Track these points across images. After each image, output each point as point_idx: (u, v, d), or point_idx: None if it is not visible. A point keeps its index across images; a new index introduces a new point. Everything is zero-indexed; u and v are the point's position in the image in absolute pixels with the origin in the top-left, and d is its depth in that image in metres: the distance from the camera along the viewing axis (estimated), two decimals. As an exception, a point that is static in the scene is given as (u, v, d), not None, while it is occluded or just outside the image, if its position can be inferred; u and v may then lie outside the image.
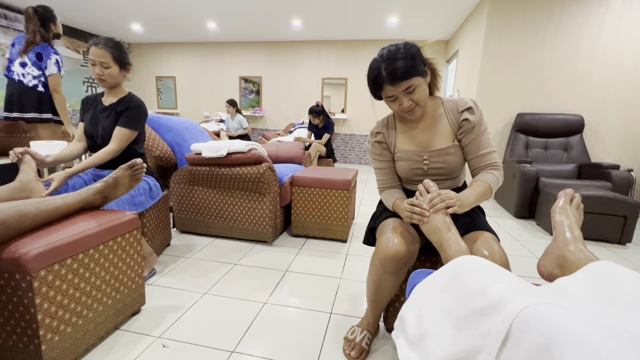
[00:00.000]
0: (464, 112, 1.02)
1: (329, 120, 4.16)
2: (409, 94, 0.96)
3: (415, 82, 0.94)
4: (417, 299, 0.64)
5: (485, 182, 0.98)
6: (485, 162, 1.03)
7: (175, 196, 2.12)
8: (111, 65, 1.46)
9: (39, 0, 4.33)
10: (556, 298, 0.55)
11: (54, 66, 2.28)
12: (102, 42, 1.44)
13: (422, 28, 4.94)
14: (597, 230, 2.30)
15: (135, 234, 1.22)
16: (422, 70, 0.96)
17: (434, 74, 1.03)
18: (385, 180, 1.16)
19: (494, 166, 1.03)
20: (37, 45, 2.26)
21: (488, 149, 1.03)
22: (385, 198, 1.14)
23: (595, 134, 3.28)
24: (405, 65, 0.91)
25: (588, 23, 3.14)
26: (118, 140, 1.47)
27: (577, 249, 0.74)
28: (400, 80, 0.92)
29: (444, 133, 1.05)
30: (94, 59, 1.43)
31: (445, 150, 1.04)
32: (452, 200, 0.88)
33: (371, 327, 1.14)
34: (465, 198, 0.92)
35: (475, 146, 1.03)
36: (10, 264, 0.83)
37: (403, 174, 1.13)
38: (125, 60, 1.51)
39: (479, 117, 1.01)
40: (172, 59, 6.66)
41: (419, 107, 0.99)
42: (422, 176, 1.09)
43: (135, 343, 1.11)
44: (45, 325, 0.89)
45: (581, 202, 0.88)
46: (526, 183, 2.73)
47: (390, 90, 0.96)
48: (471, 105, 1.02)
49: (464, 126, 1.02)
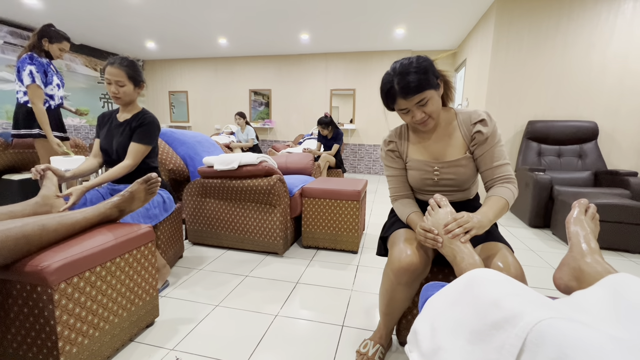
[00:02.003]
0: (477, 124, 1.02)
1: (337, 130, 4.20)
2: (422, 107, 0.97)
3: (428, 95, 0.95)
4: (430, 312, 0.64)
5: (502, 197, 0.96)
6: (499, 174, 1.01)
7: (188, 208, 2.16)
8: (126, 84, 1.51)
9: (61, 22, 4.56)
10: (572, 312, 0.54)
11: (28, 77, 2.19)
12: (117, 61, 1.49)
13: (429, 38, 4.98)
14: (616, 239, 2.23)
15: (150, 246, 1.24)
16: (435, 83, 0.96)
17: (447, 85, 1.04)
18: (397, 189, 1.16)
19: (508, 179, 1.00)
20: (19, 60, 2.23)
21: (501, 160, 1.01)
22: (398, 209, 1.13)
23: (611, 141, 3.21)
24: (418, 79, 0.92)
25: (598, 30, 3.12)
26: (133, 156, 1.52)
27: (594, 261, 0.72)
28: (413, 94, 0.93)
29: (457, 144, 1.05)
30: (110, 77, 1.48)
31: (456, 162, 1.04)
32: (469, 224, 0.85)
33: (384, 341, 1.12)
34: (484, 217, 0.89)
35: (488, 158, 1.02)
36: (33, 276, 0.86)
37: (414, 184, 1.13)
38: (139, 78, 1.56)
39: (492, 129, 1.01)
40: (185, 74, 6.86)
41: (431, 119, 1.00)
42: (433, 187, 1.09)
43: (150, 355, 1.12)
44: (64, 337, 0.91)
45: (597, 212, 0.87)
46: (540, 192, 2.68)
47: (403, 103, 0.97)
48: (484, 118, 1.01)
49: (477, 138, 1.02)
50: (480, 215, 0.89)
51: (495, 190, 1.00)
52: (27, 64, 2.20)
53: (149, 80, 7.09)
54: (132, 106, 1.61)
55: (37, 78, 2.22)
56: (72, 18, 4.40)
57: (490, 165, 1.02)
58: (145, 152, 1.56)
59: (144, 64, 7.02)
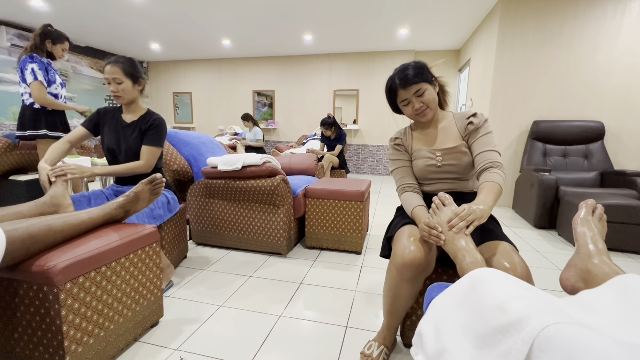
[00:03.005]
0: (470, 117, 1.16)
1: (340, 131, 4.19)
2: (419, 97, 1.12)
3: (424, 87, 1.11)
4: (434, 313, 0.64)
5: (495, 182, 1.00)
6: (487, 159, 1.07)
7: (192, 209, 2.17)
8: (123, 80, 1.48)
9: (69, 24, 4.61)
10: (580, 314, 0.53)
11: (30, 75, 2.19)
12: (113, 60, 1.47)
13: (433, 38, 4.96)
14: (624, 241, 2.20)
15: (155, 246, 1.25)
16: (430, 79, 1.13)
17: (442, 89, 1.20)
18: (403, 179, 1.21)
19: (495, 164, 1.06)
20: (19, 61, 2.23)
21: (490, 147, 1.10)
22: (405, 201, 1.17)
23: (617, 141, 3.17)
24: (415, 73, 1.10)
25: (605, 28, 3.09)
26: (147, 158, 1.54)
27: (602, 262, 0.72)
28: (410, 83, 1.10)
29: (454, 135, 1.19)
30: (108, 76, 1.46)
31: (456, 149, 1.15)
32: (471, 216, 0.86)
33: (388, 342, 1.12)
34: (483, 204, 0.91)
35: (478, 144, 1.12)
36: (39, 276, 0.87)
37: (419, 173, 1.21)
38: (136, 74, 1.52)
39: (482, 121, 1.14)
40: (188, 76, 6.90)
41: (429, 109, 1.14)
42: (436, 173, 1.17)
43: (154, 355, 1.13)
44: (70, 337, 0.91)
45: (604, 212, 0.86)
46: (545, 192, 2.66)
47: (403, 94, 1.12)
48: (475, 112, 1.17)
49: (469, 128, 1.15)
50: (481, 204, 0.91)
51: (486, 176, 1.04)
52: (29, 62, 2.21)
53: (153, 81, 7.14)
54: (135, 106, 1.60)
55: (40, 75, 2.23)
56: (78, 20, 4.44)
57: (479, 151, 1.11)
58: (158, 153, 1.58)
59: (148, 66, 7.07)
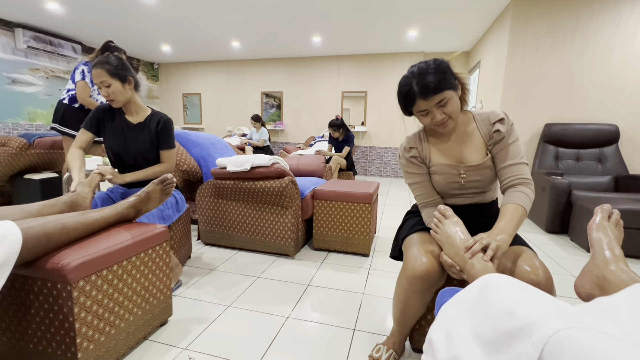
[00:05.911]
0: (496, 124, 1.01)
1: (348, 133, 4.19)
2: (442, 107, 0.95)
3: (447, 95, 0.94)
4: (445, 319, 0.63)
5: (519, 205, 0.93)
6: (513, 174, 0.99)
7: (201, 209, 2.19)
8: (111, 82, 1.41)
9: (90, 30, 4.70)
10: (593, 319, 0.52)
11: (79, 75, 2.42)
12: (97, 62, 1.40)
13: (442, 40, 4.92)
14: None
15: (165, 246, 1.26)
16: (453, 83, 0.96)
17: (463, 88, 1.03)
18: (424, 195, 1.11)
19: (522, 180, 0.98)
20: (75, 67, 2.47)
21: (517, 159, 1.00)
22: (426, 217, 1.10)
23: (633, 145, 3.10)
24: (437, 79, 0.92)
25: (620, 30, 3.02)
26: (168, 160, 1.59)
27: (619, 269, 0.70)
28: (433, 93, 0.92)
29: (477, 146, 1.04)
30: (95, 81, 1.40)
31: (482, 165, 1.03)
32: (493, 247, 0.81)
33: (397, 347, 1.11)
34: (503, 232, 0.86)
35: (503, 156, 1.01)
36: (53, 273, 0.88)
37: (439, 188, 1.10)
38: (123, 72, 1.43)
39: (509, 127, 1.01)
40: (198, 77, 6.98)
41: (451, 120, 0.98)
42: (459, 190, 1.07)
43: (163, 354, 1.14)
44: (82, 334, 0.93)
45: (620, 218, 0.84)
46: (558, 196, 2.60)
47: (423, 104, 0.96)
48: (503, 117, 1.02)
49: (495, 137, 1.02)
50: (500, 233, 0.86)
51: (510, 196, 0.97)
52: (82, 64, 2.46)
53: (164, 82, 7.25)
54: (135, 106, 1.54)
55: (87, 77, 2.45)
56: (91, 23, 4.53)
57: (505, 164, 1.00)
58: (175, 153, 1.62)
59: (159, 67, 7.18)
